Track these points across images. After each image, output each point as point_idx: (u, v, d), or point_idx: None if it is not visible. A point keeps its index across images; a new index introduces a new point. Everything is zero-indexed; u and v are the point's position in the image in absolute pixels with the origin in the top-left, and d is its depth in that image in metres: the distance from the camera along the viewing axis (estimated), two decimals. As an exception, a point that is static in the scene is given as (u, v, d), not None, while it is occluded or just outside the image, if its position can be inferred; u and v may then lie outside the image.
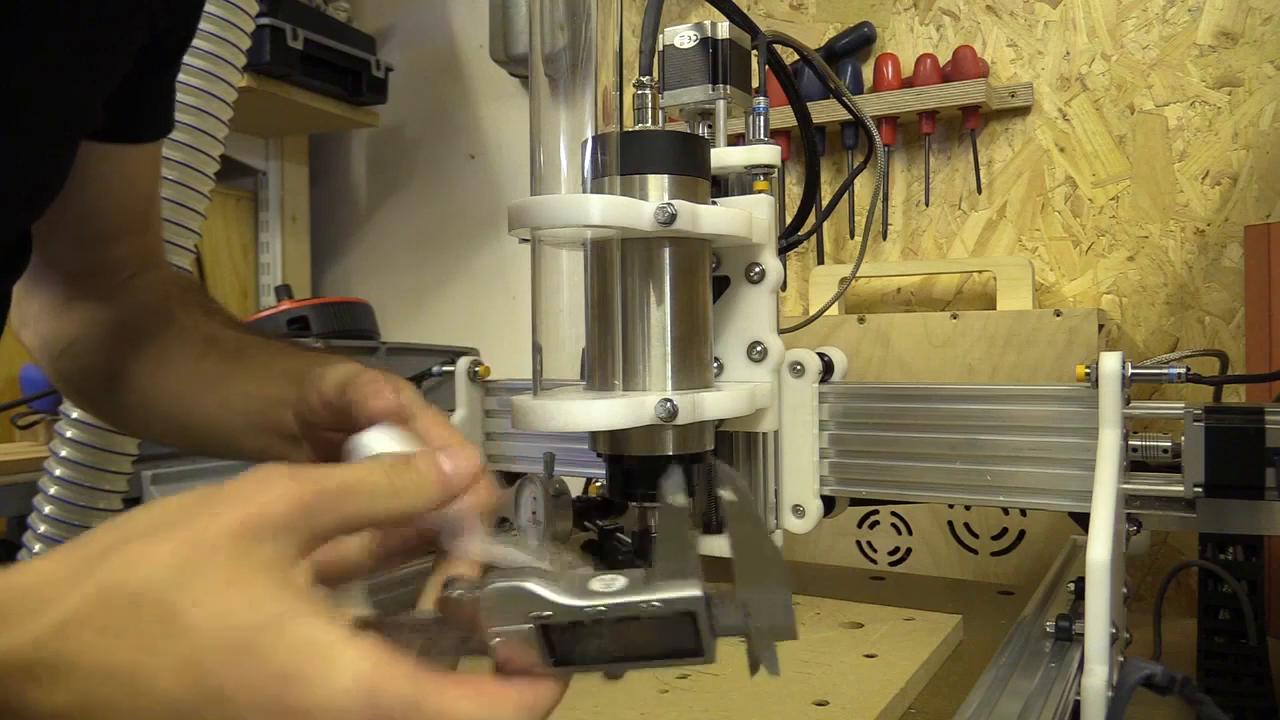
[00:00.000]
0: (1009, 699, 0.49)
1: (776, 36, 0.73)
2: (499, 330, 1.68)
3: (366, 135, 1.93)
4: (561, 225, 0.56)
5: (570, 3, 0.58)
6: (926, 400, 0.66)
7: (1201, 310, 1.14)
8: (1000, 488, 0.64)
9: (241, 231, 1.82)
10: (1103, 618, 0.50)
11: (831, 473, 0.70)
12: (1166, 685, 0.41)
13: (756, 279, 0.68)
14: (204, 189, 1.13)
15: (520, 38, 1.61)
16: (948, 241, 1.29)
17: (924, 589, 0.81)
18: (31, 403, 1.41)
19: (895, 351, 1.10)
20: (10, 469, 1.24)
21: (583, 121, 0.58)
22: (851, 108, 0.77)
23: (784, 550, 0.73)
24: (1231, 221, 1.12)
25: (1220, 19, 1.13)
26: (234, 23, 1.12)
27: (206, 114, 1.11)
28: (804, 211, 0.77)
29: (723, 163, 0.68)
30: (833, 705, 0.52)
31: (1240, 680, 0.72)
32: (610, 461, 0.63)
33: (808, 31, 1.37)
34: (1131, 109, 1.18)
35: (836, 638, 0.63)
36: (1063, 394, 0.62)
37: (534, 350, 0.59)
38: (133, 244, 0.68)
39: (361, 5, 1.88)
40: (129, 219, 0.66)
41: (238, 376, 0.58)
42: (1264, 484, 0.57)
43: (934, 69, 1.23)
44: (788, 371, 0.70)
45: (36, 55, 0.51)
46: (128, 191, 0.65)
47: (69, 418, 1.10)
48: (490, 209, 1.78)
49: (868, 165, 1.05)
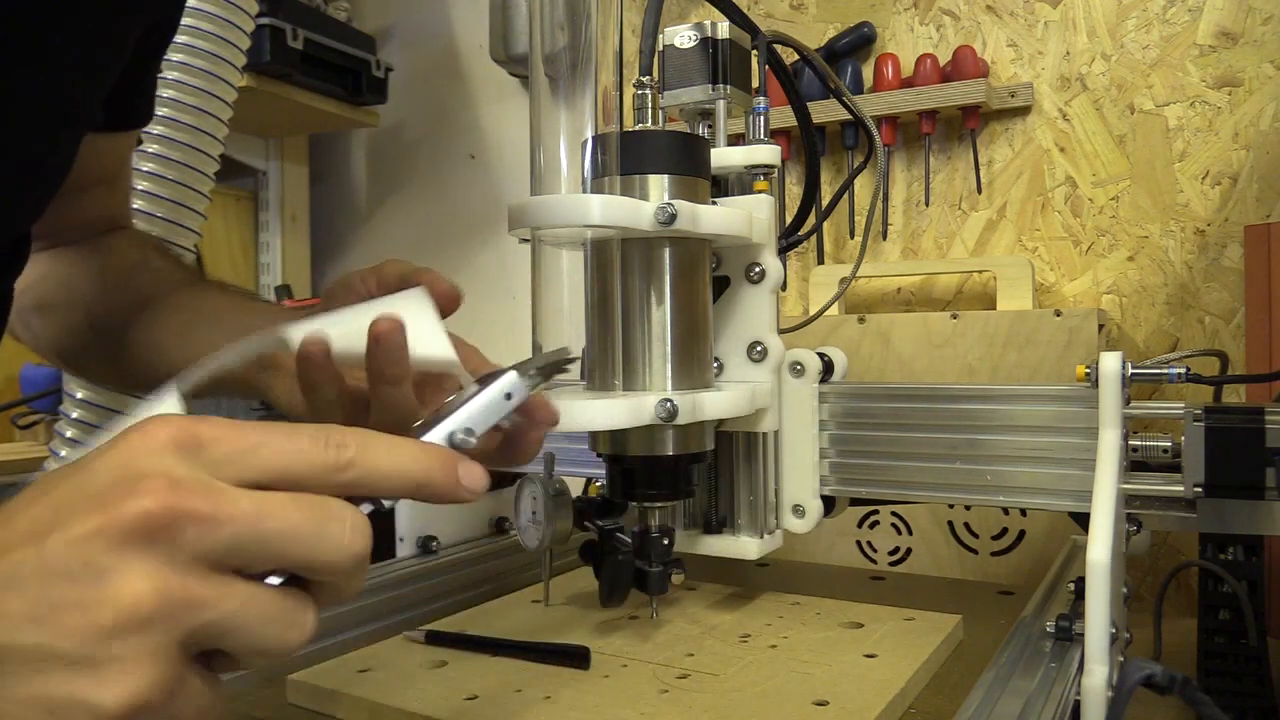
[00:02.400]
0: (1009, 699, 0.49)
1: (776, 36, 0.73)
2: (499, 330, 1.68)
3: (366, 135, 1.93)
4: (561, 225, 0.56)
5: (570, 3, 0.58)
6: (926, 400, 0.66)
7: (1201, 310, 1.14)
8: (1000, 488, 0.64)
9: (241, 231, 1.82)
10: (1103, 618, 0.50)
11: (831, 473, 0.70)
12: (1166, 685, 0.41)
13: (756, 279, 0.68)
14: (204, 189, 1.13)
15: (520, 38, 1.61)
16: (948, 241, 1.29)
17: (924, 589, 0.81)
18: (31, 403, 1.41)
19: (895, 351, 1.10)
20: (10, 469, 1.24)
21: (583, 121, 0.58)
22: (851, 108, 0.77)
23: (784, 550, 0.73)
24: (1231, 221, 1.12)
25: (1220, 19, 1.13)
26: (234, 23, 1.12)
27: (206, 114, 1.11)
28: (804, 211, 0.77)
29: (723, 163, 0.68)
30: (833, 705, 0.52)
31: (1240, 680, 0.72)
32: (610, 461, 0.63)
33: (808, 31, 1.37)
34: (1131, 109, 1.18)
35: (836, 638, 0.63)
36: (1063, 394, 0.62)
37: (534, 350, 0.59)
38: (102, 198, 0.69)
39: (361, 5, 1.88)
40: (98, 174, 0.67)
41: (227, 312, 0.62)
42: (1264, 484, 0.57)
43: (934, 69, 1.23)
44: (788, 371, 0.70)
45: (37, 56, 0.51)
46: (97, 150, 0.64)
47: (69, 418, 1.10)
48: (490, 209, 1.78)
49: (868, 165, 1.05)
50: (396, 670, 0.59)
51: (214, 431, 0.30)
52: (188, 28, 1.08)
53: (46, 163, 0.56)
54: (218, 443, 0.30)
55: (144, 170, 1.07)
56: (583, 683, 0.56)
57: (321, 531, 0.30)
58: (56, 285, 0.68)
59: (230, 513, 0.29)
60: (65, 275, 0.68)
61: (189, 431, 0.30)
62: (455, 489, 0.34)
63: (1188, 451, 0.58)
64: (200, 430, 0.30)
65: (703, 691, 0.54)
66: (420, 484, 0.33)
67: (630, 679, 0.57)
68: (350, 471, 0.32)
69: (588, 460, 0.76)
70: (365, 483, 0.32)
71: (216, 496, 0.29)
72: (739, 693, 0.54)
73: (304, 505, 0.30)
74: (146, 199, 1.07)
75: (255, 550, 0.29)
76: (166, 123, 1.08)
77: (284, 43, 1.53)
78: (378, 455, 0.32)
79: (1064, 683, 0.51)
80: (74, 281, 0.68)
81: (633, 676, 0.57)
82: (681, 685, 0.55)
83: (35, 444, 1.38)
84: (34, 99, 0.52)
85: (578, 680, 0.57)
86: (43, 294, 0.66)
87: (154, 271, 0.69)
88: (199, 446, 0.29)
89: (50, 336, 0.69)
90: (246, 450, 0.30)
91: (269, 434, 0.31)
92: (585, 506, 0.67)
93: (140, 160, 1.06)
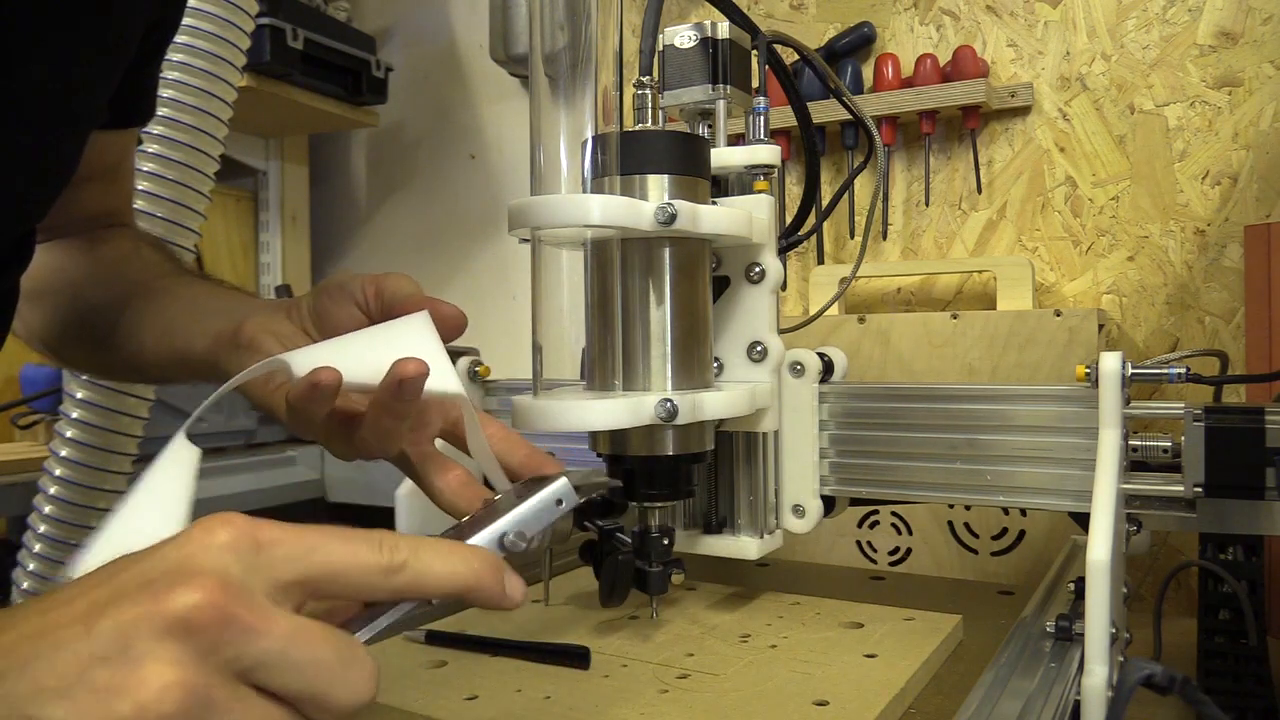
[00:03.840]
0: (1009, 699, 0.49)
1: (776, 36, 0.73)
2: (499, 330, 1.68)
3: (366, 135, 1.93)
4: (561, 225, 0.56)
5: (570, 3, 0.58)
6: (926, 400, 0.66)
7: (1201, 310, 1.14)
8: (1000, 488, 0.64)
9: (241, 231, 1.82)
10: (1103, 618, 0.50)
11: (831, 473, 0.70)
12: (1166, 685, 0.41)
13: (756, 279, 0.68)
14: (204, 189, 1.13)
15: (520, 38, 1.61)
16: (948, 241, 1.29)
17: (924, 589, 0.81)
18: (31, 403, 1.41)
19: (895, 351, 1.10)
20: (10, 469, 1.24)
21: (583, 121, 0.58)
22: (851, 108, 0.77)
23: (784, 550, 0.73)
24: (1231, 221, 1.12)
25: (1220, 19, 1.13)
26: (234, 23, 1.12)
27: (206, 114, 1.11)
28: (804, 211, 0.77)
29: (723, 163, 0.68)
30: (833, 705, 0.52)
31: (1240, 680, 0.72)
32: (610, 461, 0.63)
33: (808, 31, 1.37)
34: (1131, 109, 1.18)
35: (836, 638, 0.63)
36: (1063, 394, 0.62)
37: (534, 350, 0.59)
38: (99, 192, 0.69)
39: (361, 5, 1.88)
40: (97, 169, 0.67)
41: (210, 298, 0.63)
42: (1264, 484, 0.57)
43: (934, 69, 1.23)
44: (788, 371, 0.70)
45: (42, 54, 0.51)
46: (97, 145, 0.65)
47: (69, 418, 1.10)
48: (490, 209, 1.78)
49: (868, 165, 1.05)
50: (396, 670, 0.59)
51: (273, 534, 0.31)
52: (188, 28, 1.08)
53: (52, 161, 0.56)
54: (276, 545, 0.31)
55: (144, 170, 1.07)
56: (583, 683, 0.56)
57: (344, 672, 0.31)
58: (49, 274, 0.68)
59: (268, 628, 0.29)
60: (58, 265, 0.68)
61: (249, 534, 0.31)
62: (501, 598, 0.35)
63: (1188, 451, 0.58)
64: (260, 534, 0.31)
65: (703, 691, 0.54)
66: (469, 589, 0.34)
67: (630, 679, 0.57)
68: (402, 575, 0.33)
69: (588, 460, 0.76)
70: (416, 587, 0.33)
71: (260, 609, 0.29)
72: (739, 693, 0.54)
73: (334, 642, 0.31)
74: (146, 199, 1.07)
75: (279, 670, 0.30)
76: (166, 123, 1.08)
77: (284, 43, 1.53)
78: (430, 560, 0.33)
79: (1064, 683, 0.51)
80: (67, 271, 0.68)
81: (633, 676, 0.57)
82: (681, 685, 0.55)
83: (35, 444, 1.38)
84: (39, 97, 0.52)
85: (578, 680, 0.57)
86: (35, 283, 0.66)
87: (144, 262, 0.69)
88: (257, 548, 0.31)
89: (40, 324, 0.70)
90: (303, 553, 0.31)
91: (326, 538, 0.32)
92: (585, 506, 0.67)
93: (140, 160, 1.06)
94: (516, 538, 0.38)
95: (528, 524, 0.39)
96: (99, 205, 0.70)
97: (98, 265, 0.69)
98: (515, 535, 0.38)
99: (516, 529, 0.39)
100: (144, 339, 0.63)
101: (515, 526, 0.39)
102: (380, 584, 0.33)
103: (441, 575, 0.34)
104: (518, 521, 0.39)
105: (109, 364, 0.69)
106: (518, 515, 0.39)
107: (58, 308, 0.68)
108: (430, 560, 0.33)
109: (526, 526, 0.39)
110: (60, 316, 0.68)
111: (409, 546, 0.33)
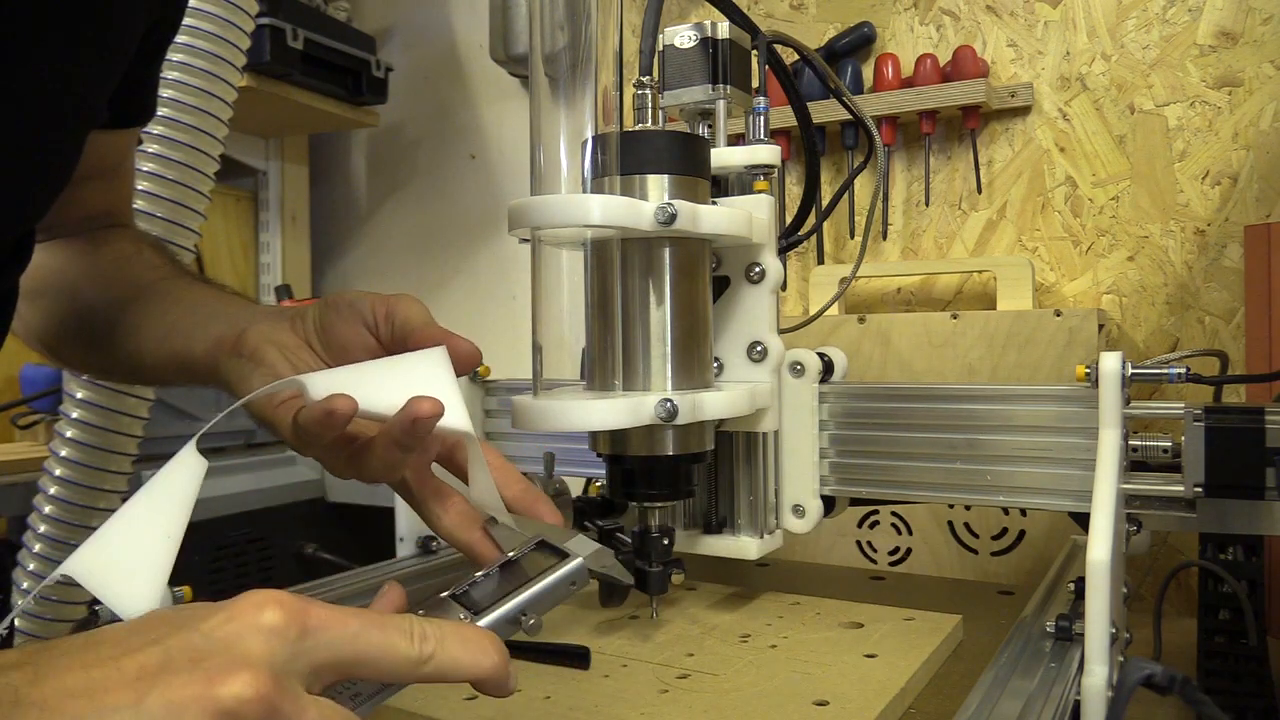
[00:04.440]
0: (1009, 699, 0.49)
1: (776, 36, 0.73)
2: (499, 330, 1.68)
3: (366, 135, 1.93)
4: (561, 225, 0.56)
5: (570, 3, 0.58)
6: (926, 400, 0.66)
7: (1201, 310, 1.14)
8: (1000, 488, 0.64)
9: (241, 231, 1.82)
10: (1103, 618, 0.50)
11: (831, 473, 0.70)
12: (1166, 685, 0.41)
13: (756, 279, 0.68)
14: (204, 189, 1.13)
15: (520, 38, 1.61)
16: (948, 241, 1.29)
17: (924, 589, 0.81)
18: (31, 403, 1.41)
19: (895, 351, 1.10)
20: (10, 469, 1.24)
21: (583, 121, 0.58)
22: (851, 108, 0.77)
23: (784, 550, 0.73)
24: (1231, 221, 1.12)
25: (1220, 19, 1.13)
26: (234, 23, 1.12)
27: (206, 114, 1.11)
28: (804, 211, 0.77)
29: (723, 163, 0.68)
30: (833, 705, 0.52)
31: (1240, 680, 0.72)
32: (610, 461, 0.63)
33: (808, 31, 1.37)
34: (1131, 109, 1.18)
35: (836, 638, 0.63)
36: (1063, 394, 0.62)
37: (534, 350, 0.59)
38: (99, 192, 0.69)
39: (361, 5, 1.88)
40: (97, 168, 0.67)
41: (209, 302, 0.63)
42: (1264, 484, 0.57)
43: (934, 69, 1.23)
44: (788, 371, 0.70)
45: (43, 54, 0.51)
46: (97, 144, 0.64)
47: (69, 418, 1.10)
48: (490, 209, 1.78)
49: (868, 165, 1.05)
50: (396, 670, 0.59)
51: (318, 619, 0.33)
52: (188, 28, 1.08)
53: (52, 160, 0.56)
54: (320, 631, 0.33)
55: (144, 170, 1.06)
56: (583, 683, 0.56)
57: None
58: (48, 273, 0.68)
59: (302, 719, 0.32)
60: (57, 264, 0.68)
61: (298, 620, 0.33)
62: (503, 688, 0.38)
63: (1188, 451, 0.58)
64: (308, 620, 0.33)
65: (703, 691, 0.54)
66: (482, 680, 0.37)
67: (630, 679, 0.57)
68: (429, 666, 0.36)
69: (588, 460, 0.76)
70: (439, 676, 0.36)
71: (298, 700, 0.32)
72: (739, 693, 0.54)
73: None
74: (146, 199, 1.06)
75: None
76: (166, 123, 1.08)
77: (284, 43, 1.53)
78: (455, 653, 0.36)
79: (1064, 683, 0.51)
80: (66, 271, 0.68)
81: (633, 676, 0.57)
82: (681, 685, 0.55)
83: (35, 444, 1.38)
84: (39, 97, 0.52)
85: (578, 680, 0.57)
86: (34, 282, 0.66)
87: (145, 263, 0.69)
88: (304, 635, 0.33)
89: (38, 323, 0.69)
90: (345, 641, 0.34)
91: (366, 625, 0.34)
92: (585, 506, 0.67)
93: (140, 160, 1.06)
94: (534, 618, 0.42)
95: (543, 604, 0.42)
96: (99, 205, 0.70)
97: (97, 265, 0.68)
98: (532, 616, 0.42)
99: (534, 609, 0.42)
100: (143, 340, 0.63)
101: (532, 607, 0.42)
102: (408, 673, 0.35)
103: (463, 668, 0.36)
104: (534, 602, 0.42)
105: (107, 364, 0.69)
106: (534, 595, 0.42)
107: (57, 308, 0.68)
108: (456, 653, 0.36)
109: (541, 607, 0.42)
110: (59, 316, 0.68)
111: (436, 637, 0.36)
